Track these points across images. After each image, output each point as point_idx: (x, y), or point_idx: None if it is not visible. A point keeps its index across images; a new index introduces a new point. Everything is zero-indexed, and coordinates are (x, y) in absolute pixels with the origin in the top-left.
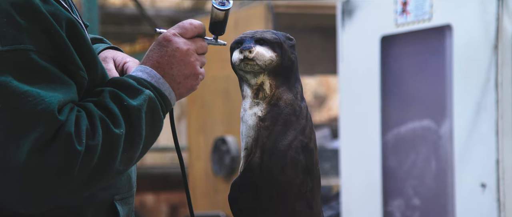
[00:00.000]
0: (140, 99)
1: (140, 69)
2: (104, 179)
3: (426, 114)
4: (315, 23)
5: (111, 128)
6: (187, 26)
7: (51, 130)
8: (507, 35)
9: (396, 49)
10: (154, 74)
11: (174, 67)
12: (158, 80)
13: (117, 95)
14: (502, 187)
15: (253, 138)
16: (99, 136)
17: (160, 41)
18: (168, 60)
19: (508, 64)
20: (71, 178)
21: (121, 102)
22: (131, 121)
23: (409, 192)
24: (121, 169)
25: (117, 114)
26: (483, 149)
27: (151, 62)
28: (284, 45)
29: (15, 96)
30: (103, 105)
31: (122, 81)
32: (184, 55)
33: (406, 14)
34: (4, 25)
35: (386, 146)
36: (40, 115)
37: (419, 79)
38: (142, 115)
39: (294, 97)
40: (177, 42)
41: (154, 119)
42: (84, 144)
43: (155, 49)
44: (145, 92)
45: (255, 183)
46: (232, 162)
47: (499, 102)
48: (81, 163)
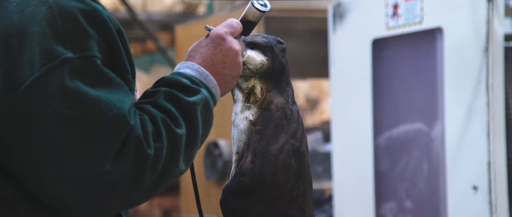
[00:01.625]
0: (196, 98)
1: (188, 66)
2: (169, 181)
3: (417, 117)
4: (307, 26)
5: (174, 129)
6: (235, 26)
7: (124, 135)
8: (498, 37)
9: (387, 52)
10: (202, 71)
11: (226, 66)
12: (206, 77)
13: (172, 95)
14: (494, 189)
15: (244, 142)
16: (164, 138)
17: (214, 39)
18: (221, 59)
19: (499, 67)
20: (143, 182)
21: (178, 102)
22: (190, 120)
23: (401, 195)
24: (183, 170)
25: (176, 115)
26: (475, 151)
27: (203, 59)
28: (275, 49)
29: (88, 102)
30: (161, 106)
31: (176, 81)
32: (236, 55)
33: (397, 17)
34: (74, 32)
35: (378, 149)
36: (113, 120)
37: (410, 82)
38: (198, 113)
39: (285, 100)
40: (231, 41)
41: (207, 117)
42: (153, 147)
43: (209, 47)
44: (201, 91)
45: (246, 187)
46: (224, 166)
47: (490, 104)
48: (151, 167)
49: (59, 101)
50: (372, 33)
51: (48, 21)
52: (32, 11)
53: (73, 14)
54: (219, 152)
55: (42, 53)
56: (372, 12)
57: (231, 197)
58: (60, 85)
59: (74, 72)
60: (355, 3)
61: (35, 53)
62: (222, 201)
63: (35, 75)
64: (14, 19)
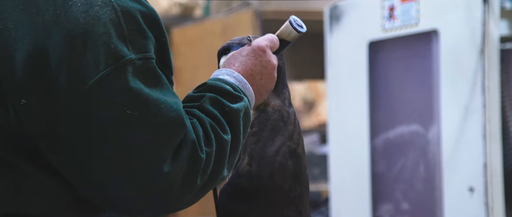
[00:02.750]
0: (239, 105)
1: (227, 73)
2: (213, 186)
3: (414, 119)
4: None
5: (221, 134)
6: (275, 41)
7: (180, 137)
8: (493, 39)
9: (383, 54)
10: (241, 79)
11: (263, 78)
12: (245, 86)
13: (217, 100)
14: (490, 191)
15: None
16: (213, 142)
17: (255, 50)
18: (260, 70)
19: (495, 69)
20: (196, 185)
21: (222, 108)
22: (233, 127)
23: (398, 197)
24: (225, 175)
25: (222, 120)
26: (471, 153)
27: (243, 68)
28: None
29: (150, 103)
30: (208, 111)
31: (220, 87)
32: (273, 70)
33: (393, 19)
34: (136, 33)
35: (375, 151)
36: (173, 122)
37: (406, 84)
38: (241, 120)
39: (282, 103)
40: (270, 55)
41: (247, 125)
42: (204, 151)
43: (249, 56)
44: (244, 99)
45: (243, 189)
46: None
47: (486, 106)
48: (202, 170)
49: (123, 101)
50: (369, 35)
51: (113, 22)
52: (97, 12)
53: (134, 15)
54: None
55: (108, 53)
56: (368, 14)
57: (228, 199)
58: (125, 85)
59: (136, 73)
60: (351, 5)
61: (100, 53)
62: (219, 203)
63: (100, 74)
64: (79, 19)
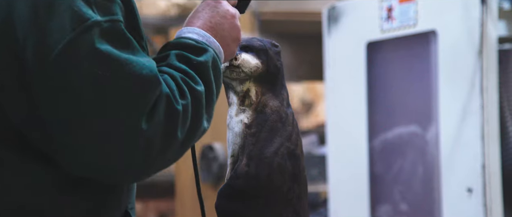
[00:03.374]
0: (205, 56)
1: (189, 31)
2: (195, 139)
3: (412, 120)
4: (301, 30)
5: (193, 86)
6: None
7: (155, 93)
8: (491, 40)
9: (381, 55)
10: (204, 34)
11: (225, 28)
12: (209, 39)
13: (183, 56)
14: (488, 192)
15: (239, 145)
16: (187, 94)
17: (209, 4)
18: (220, 21)
19: (493, 69)
20: (176, 139)
21: (189, 61)
22: (204, 78)
23: (396, 198)
24: (206, 127)
25: (192, 73)
26: (469, 154)
27: (202, 22)
28: (270, 52)
29: (120, 63)
30: (176, 67)
31: (182, 42)
32: (233, 18)
33: (391, 20)
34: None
35: (373, 152)
36: (146, 78)
37: (405, 84)
38: (210, 71)
39: (280, 103)
40: (227, 5)
41: (217, 77)
42: (180, 104)
43: (205, 10)
44: (209, 50)
45: (241, 190)
46: (219, 169)
47: (484, 107)
48: (181, 124)
49: (92, 63)
50: (367, 36)
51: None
52: None
53: None
54: (214, 155)
55: (72, 17)
56: (366, 15)
57: (226, 200)
58: (92, 48)
59: (104, 35)
60: (349, 6)
61: (65, 18)
62: (217, 205)
63: (66, 39)
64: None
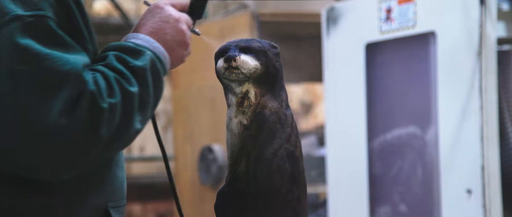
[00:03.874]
0: (144, 60)
1: (132, 37)
2: (125, 139)
3: (411, 121)
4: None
5: (126, 87)
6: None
7: (78, 89)
8: (491, 41)
9: (380, 56)
10: (148, 39)
11: (167, 32)
12: (153, 44)
13: (121, 57)
14: (487, 193)
15: (238, 146)
16: (117, 94)
17: (152, 10)
18: (161, 25)
19: (492, 70)
20: (99, 137)
21: (127, 64)
22: (140, 80)
23: (395, 199)
24: (138, 129)
25: (128, 74)
26: (468, 155)
27: (144, 28)
28: (269, 53)
29: (40, 58)
30: (113, 67)
31: (122, 45)
32: (177, 22)
33: (390, 21)
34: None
35: (372, 153)
36: (67, 75)
37: (404, 86)
38: (148, 74)
39: (279, 105)
40: (169, 9)
41: (157, 80)
42: (107, 102)
43: (147, 17)
44: (147, 53)
45: (241, 192)
46: (219, 171)
47: (483, 108)
48: (106, 122)
49: (11, 57)
50: (366, 37)
51: None
52: None
53: None
54: (214, 157)
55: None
56: (365, 16)
57: (226, 201)
58: (11, 41)
59: (26, 30)
60: (348, 7)
61: None
62: (217, 206)
63: None
64: None
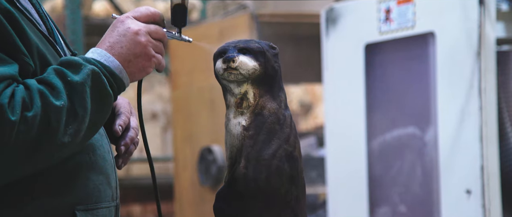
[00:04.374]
0: (82, 74)
1: (91, 51)
2: (47, 151)
3: (411, 121)
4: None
5: (50, 100)
6: (142, 10)
7: None
8: (490, 41)
9: (380, 56)
10: (104, 53)
11: (124, 46)
12: (108, 59)
13: (60, 71)
14: (487, 193)
15: (237, 147)
16: (36, 107)
17: (114, 23)
18: (119, 39)
19: (491, 71)
20: (7, 148)
21: (64, 78)
22: (74, 94)
23: (395, 199)
24: (66, 142)
25: (59, 88)
26: (468, 155)
27: (103, 44)
28: (268, 54)
29: None
30: (46, 81)
31: (68, 59)
32: (134, 35)
33: (389, 22)
34: None
35: (372, 154)
36: None
37: (403, 86)
38: (86, 89)
39: (278, 106)
40: (129, 23)
41: (101, 94)
42: (18, 115)
43: (108, 31)
44: (87, 66)
45: (240, 192)
46: (218, 171)
47: (482, 108)
48: (16, 133)
49: None
50: (365, 37)
51: None
52: None
53: None
54: (213, 158)
55: None
56: (364, 16)
57: (225, 202)
58: None
59: None
60: (347, 8)
61: None
62: (216, 207)
63: None
64: None
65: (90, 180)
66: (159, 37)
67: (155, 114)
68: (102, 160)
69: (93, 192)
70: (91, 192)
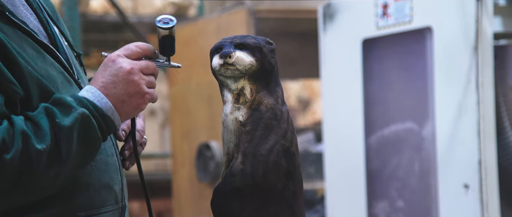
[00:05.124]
0: (71, 117)
1: (86, 89)
2: (28, 191)
3: (408, 117)
4: (297, 27)
5: (32, 143)
6: (132, 48)
7: None
8: (487, 36)
9: (377, 52)
10: (98, 94)
11: (117, 86)
12: (101, 100)
13: (51, 111)
14: (485, 188)
15: (234, 143)
16: (16, 150)
17: (105, 62)
18: (111, 79)
19: (489, 65)
20: None
21: (53, 118)
22: (60, 138)
23: (393, 194)
24: (50, 184)
25: (44, 130)
26: (466, 150)
27: (96, 83)
28: (264, 49)
29: None
30: (33, 120)
31: (60, 98)
32: (127, 74)
33: (386, 17)
34: None
35: (370, 149)
36: None
37: (400, 81)
38: (73, 133)
39: (275, 101)
40: (121, 62)
41: (89, 137)
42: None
43: (100, 70)
44: (78, 110)
45: (237, 188)
46: (216, 167)
47: (480, 103)
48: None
49: None
50: (362, 33)
51: None
52: None
53: None
54: (211, 154)
55: None
56: (362, 12)
57: (222, 198)
58: None
59: None
60: (345, 3)
61: None
62: (213, 202)
63: None
64: None
65: (91, 186)
66: (151, 72)
67: (153, 110)
68: (104, 164)
69: (94, 198)
70: (92, 198)
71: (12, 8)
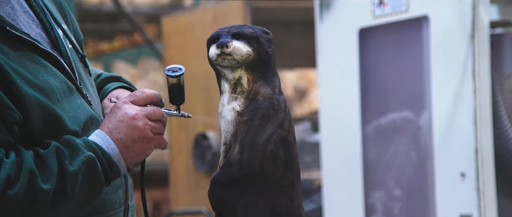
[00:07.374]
0: (78, 160)
1: (96, 133)
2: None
3: (405, 105)
4: (294, 16)
5: (38, 183)
6: (138, 94)
7: None
8: (483, 25)
9: (374, 41)
10: (107, 139)
11: (122, 131)
12: (109, 146)
13: (61, 152)
14: (481, 176)
15: (231, 133)
16: (21, 187)
17: (112, 109)
18: (116, 125)
19: (485, 54)
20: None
21: (61, 160)
22: (65, 180)
23: (390, 183)
24: (60, 214)
25: (52, 171)
26: (462, 138)
27: (104, 128)
28: (261, 39)
29: None
30: (43, 159)
31: (70, 140)
32: (131, 120)
33: (383, 6)
34: None
35: (367, 138)
36: None
37: (397, 70)
38: (78, 176)
39: (272, 91)
40: (126, 108)
41: (93, 181)
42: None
43: (107, 116)
44: (85, 154)
45: (234, 178)
46: (213, 157)
47: (476, 91)
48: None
49: None
50: (359, 22)
51: None
52: None
53: None
54: (208, 144)
55: None
56: (358, 1)
57: (219, 188)
58: None
59: None
60: None
61: None
62: (210, 192)
63: None
64: None
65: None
66: (157, 118)
67: None
68: None
69: (97, 203)
70: (95, 204)
71: (13, 17)
